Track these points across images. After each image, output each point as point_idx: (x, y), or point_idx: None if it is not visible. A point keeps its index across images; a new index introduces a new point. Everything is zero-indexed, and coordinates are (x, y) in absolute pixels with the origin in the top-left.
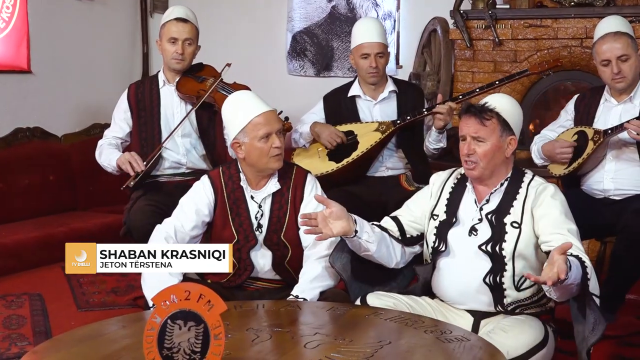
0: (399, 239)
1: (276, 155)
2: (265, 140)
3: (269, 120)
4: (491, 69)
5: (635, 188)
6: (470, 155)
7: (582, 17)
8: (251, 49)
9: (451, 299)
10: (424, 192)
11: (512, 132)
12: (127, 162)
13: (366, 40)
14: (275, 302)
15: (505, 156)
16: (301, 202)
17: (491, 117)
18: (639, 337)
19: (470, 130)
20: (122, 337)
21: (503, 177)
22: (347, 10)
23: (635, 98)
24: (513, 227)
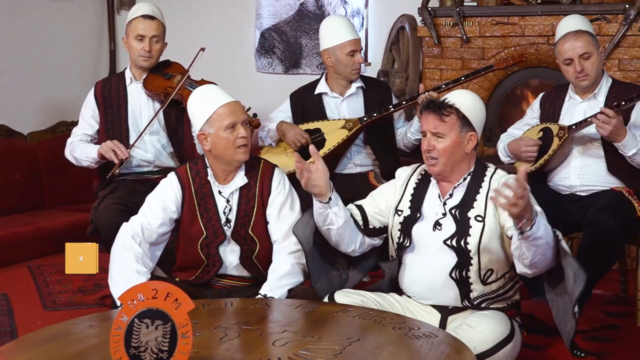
0: (362, 228)
1: (242, 146)
2: (230, 131)
3: (233, 111)
4: (459, 66)
5: (601, 184)
6: (430, 151)
7: (548, 14)
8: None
9: (418, 295)
10: (389, 186)
11: (472, 128)
12: (110, 150)
13: (352, 37)
14: (243, 300)
15: (465, 152)
16: (269, 195)
17: (450, 113)
18: (605, 331)
19: (429, 126)
20: (89, 336)
21: (466, 171)
22: (316, 8)
23: (599, 95)
24: (477, 221)
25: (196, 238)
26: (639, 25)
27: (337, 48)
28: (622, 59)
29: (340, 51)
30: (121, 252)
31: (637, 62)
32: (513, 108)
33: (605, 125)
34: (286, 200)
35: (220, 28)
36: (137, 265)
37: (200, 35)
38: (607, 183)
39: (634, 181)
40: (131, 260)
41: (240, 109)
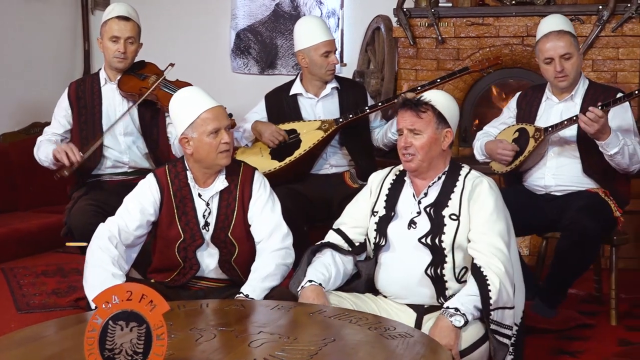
0: (349, 251)
1: (225, 151)
2: (214, 136)
3: (217, 116)
4: (434, 66)
5: (576, 184)
6: (408, 147)
7: (523, 15)
8: (195, 46)
9: (394, 294)
10: (363, 193)
11: (448, 125)
12: (62, 152)
13: (327, 38)
14: (220, 302)
15: (442, 149)
16: (249, 199)
17: (427, 110)
18: (579, 330)
19: (406, 123)
20: (63, 339)
21: (441, 170)
22: (291, 8)
23: (576, 96)
24: (451, 220)
25: (174, 241)
26: (612, 26)
27: (312, 49)
28: (595, 60)
29: (314, 52)
30: (97, 254)
31: (611, 63)
32: (488, 108)
33: (594, 124)
34: (267, 202)
35: (196, 28)
36: (112, 268)
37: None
38: (582, 184)
39: (608, 182)
40: (107, 263)
41: (224, 113)
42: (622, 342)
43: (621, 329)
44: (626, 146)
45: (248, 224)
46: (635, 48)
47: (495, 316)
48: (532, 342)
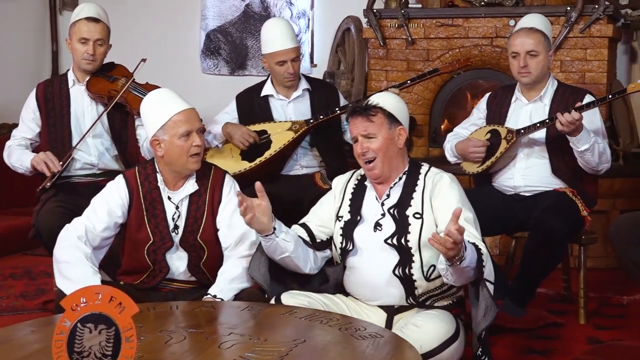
0: (310, 244)
1: (195, 155)
2: (185, 139)
3: (189, 118)
4: (404, 67)
5: (545, 184)
6: (365, 153)
7: (492, 16)
8: (164, 47)
9: (364, 296)
10: (328, 196)
11: (399, 123)
12: (42, 163)
13: (282, 48)
14: (190, 303)
15: (398, 147)
16: (219, 203)
17: (376, 113)
18: (549, 329)
19: (359, 129)
20: (31, 342)
21: (401, 171)
22: (262, 9)
23: (545, 97)
24: (415, 218)
25: (143, 243)
26: (580, 27)
27: (269, 56)
28: (564, 61)
29: (271, 60)
30: (71, 252)
31: (579, 64)
32: (458, 109)
33: (571, 125)
34: (237, 207)
35: (165, 29)
36: (91, 264)
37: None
38: (551, 184)
39: (576, 182)
40: (83, 260)
41: (196, 116)
42: (590, 341)
43: (590, 327)
44: (597, 144)
45: (217, 228)
46: (602, 49)
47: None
48: (502, 342)
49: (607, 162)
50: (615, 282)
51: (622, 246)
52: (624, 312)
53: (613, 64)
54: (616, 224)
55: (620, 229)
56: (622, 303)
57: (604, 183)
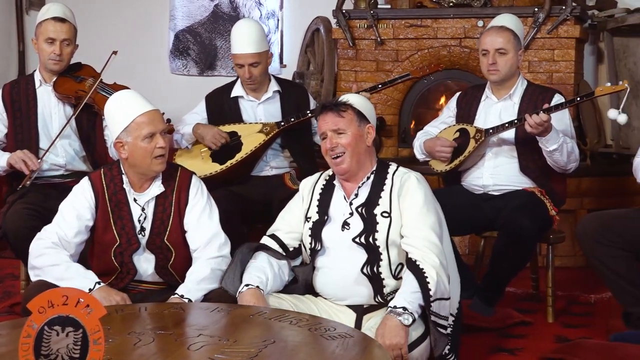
0: (284, 255)
1: (160, 156)
2: (149, 140)
3: (152, 120)
4: (373, 68)
5: (513, 184)
6: (334, 149)
7: (460, 17)
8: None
9: (333, 296)
10: (295, 199)
11: (368, 121)
12: (20, 161)
13: (239, 52)
14: (158, 305)
15: (367, 145)
16: (186, 205)
17: (347, 109)
18: (517, 328)
19: (329, 125)
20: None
21: (369, 170)
22: (231, 9)
23: (515, 96)
24: (383, 217)
25: (109, 245)
26: (547, 28)
27: (232, 57)
28: (531, 61)
29: (233, 60)
30: (54, 255)
31: (547, 64)
32: (427, 109)
33: (539, 127)
34: (204, 208)
35: (133, 29)
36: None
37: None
38: (519, 183)
39: (545, 181)
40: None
41: (160, 118)
42: (558, 339)
43: (558, 325)
44: (565, 144)
45: (184, 230)
46: (570, 50)
47: (434, 307)
48: (471, 341)
49: (576, 161)
50: (583, 281)
51: (590, 245)
52: (591, 311)
53: (580, 64)
54: (583, 224)
55: (587, 228)
56: (590, 301)
57: (572, 182)
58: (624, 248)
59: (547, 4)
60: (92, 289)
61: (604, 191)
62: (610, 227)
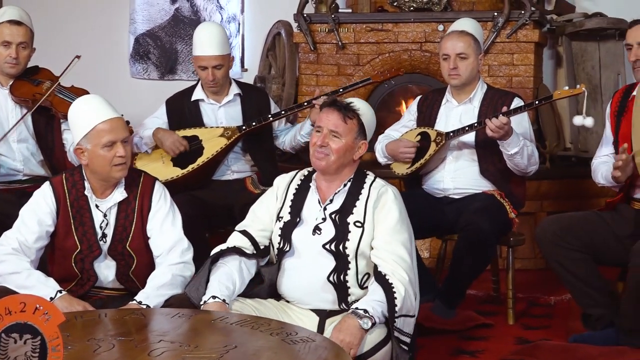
0: (254, 254)
1: (119, 165)
2: (108, 149)
3: (113, 128)
4: (335, 72)
5: (473, 187)
6: (323, 147)
7: (421, 21)
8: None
9: (297, 299)
10: (269, 196)
11: (365, 137)
12: None
13: (203, 53)
14: (119, 311)
15: (353, 158)
16: (149, 211)
17: (353, 117)
18: (478, 330)
19: (330, 123)
20: None
21: (346, 178)
22: (191, 13)
23: (475, 100)
24: (356, 227)
25: (70, 251)
26: (507, 33)
27: (194, 59)
28: (491, 65)
29: (195, 62)
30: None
31: (506, 68)
32: (388, 113)
33: (500, 130)
34: (167, 215)
35: (93, 33)
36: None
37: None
38: (480, 186)
39: (504, 184)
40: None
41: (122, 126)
42: (519, 341)
43: (518, 327)
44: (525, 147)
45: (147, 236)
46: (529, 54)
47: (398, 323)
48: (432, 343)
49: (536, 164)
50: (543, 283)
51: (549, 248)
52: (551, 312)
53: (539, 68)
54: (543, 226)
55: (546, 230)
56: (550, 303)
57: (532, 185)
58: (582, 250)
59: (507, 8)
60: (53, 298)
61: (563, 194)
62: (569, 229)
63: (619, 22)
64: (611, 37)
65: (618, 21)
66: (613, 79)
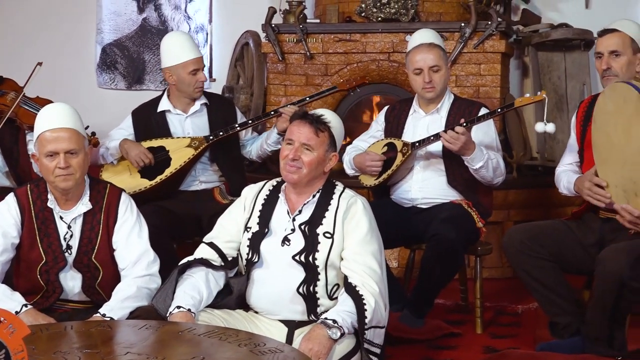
0: (222, 266)
1: (60, 176)
2: (50, 159)
3: (57, 139)
4: (303, 82)
5: (441, 197)
6: (295, 160)
7: (389, 32)
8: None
9: (265, 310)
10: (237, 207)
11: (335, 149)
12: None
13: (194, 56)
14: (85, 323)
15: (324, 170)
16: (115, 222)
17: (325, 130)
18: (446, 339)
19: (301, 137)
20: None
21: (316, 189)
22: (159, 23)
23: (442, 110)
24: (325, 238)
25: (35, 263)
26: (474, 43)
27: (179, 67)
28: (459, 75)
29: (182, 70)
30: None
31: (473, 78)
32: (356, 123)
33: (456, 141)
34: (134, 226)
35: (60, 43)
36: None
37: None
38: (447, 196)
39: (471, 194)
40: None
41: (69, 138)
42: (487, 350)
43: (486, 336)
44: (490, 160)
45: (113, 248)
46: (495, 64)
47: (368, 335)
48: (401, 352)
49: (502, 175)
50: (511, 292)
51: (516, 256)
52: (519, 321)
53: (506, 78)
54: (510, 235)
55: (513, 239)
56: (517, 312)
57: (499, 195)
58: (549, 259)
59: (473, 19)
60: (18, 312)
61: (530, 203)
62: (535, 238)
63: (584, 33)
64: (577, 48)
65: (583, 32)
66: (579, 88)
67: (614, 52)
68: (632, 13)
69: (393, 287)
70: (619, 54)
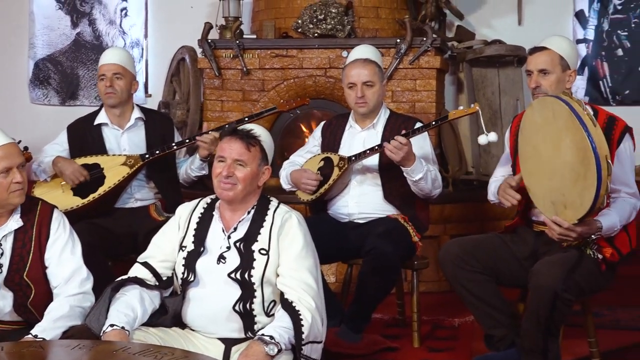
0: (157, 285)
1: (16, 191)
2: (4, 175)
3: (8, 154)
4: (240, 97)
5: (378, 211)
6: (230, 177)
7: (325, 47)
8: None
9: (202, 328)
10: (171, 225)
11: (267, 163)
12: None
13: (102, 62)
14: (16, 344)
15: (258, 185)
16: (47, 239)
17: (256, 144)
18: (384, 354)
19: (233, 153)
20: None
21: (250, 205)
22: (93, 38)
23: (378, 125)
24: (261, 254)
25: None
26: (409, 59)
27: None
28: (395, 91)
29: (98, 77)
30: None
31: (409, 94)
32: (293, 139)
33: (399, 151)
34: (67, 243)
35: None
36: None
37: None
38: (384, 210)
39: (408, 208)
40: None
41: (16, 151)
42: None
43: (424, 350)
44: (429, 172)
45: (45, 265)
46: (431, 80)
47: (305, 350)
48: None
49: (439, 187)
50: (447, 305)
51: (452, 270)
52: (456, 334)
53: (441, 94)
54: (445, 249)
55: (449, 253)
56: (454, 325)
57: (435, 209)
58: (484, 272)
59: (409, 35)
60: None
61: (465, 217)
62: (470, 252)
63: (517, 50)
64: (510, 64)
65: (516, 48)
66: (512, 104)
67: (543, 71)
68: (563, 29)
69: (330, 302)
70: (548, 72)
